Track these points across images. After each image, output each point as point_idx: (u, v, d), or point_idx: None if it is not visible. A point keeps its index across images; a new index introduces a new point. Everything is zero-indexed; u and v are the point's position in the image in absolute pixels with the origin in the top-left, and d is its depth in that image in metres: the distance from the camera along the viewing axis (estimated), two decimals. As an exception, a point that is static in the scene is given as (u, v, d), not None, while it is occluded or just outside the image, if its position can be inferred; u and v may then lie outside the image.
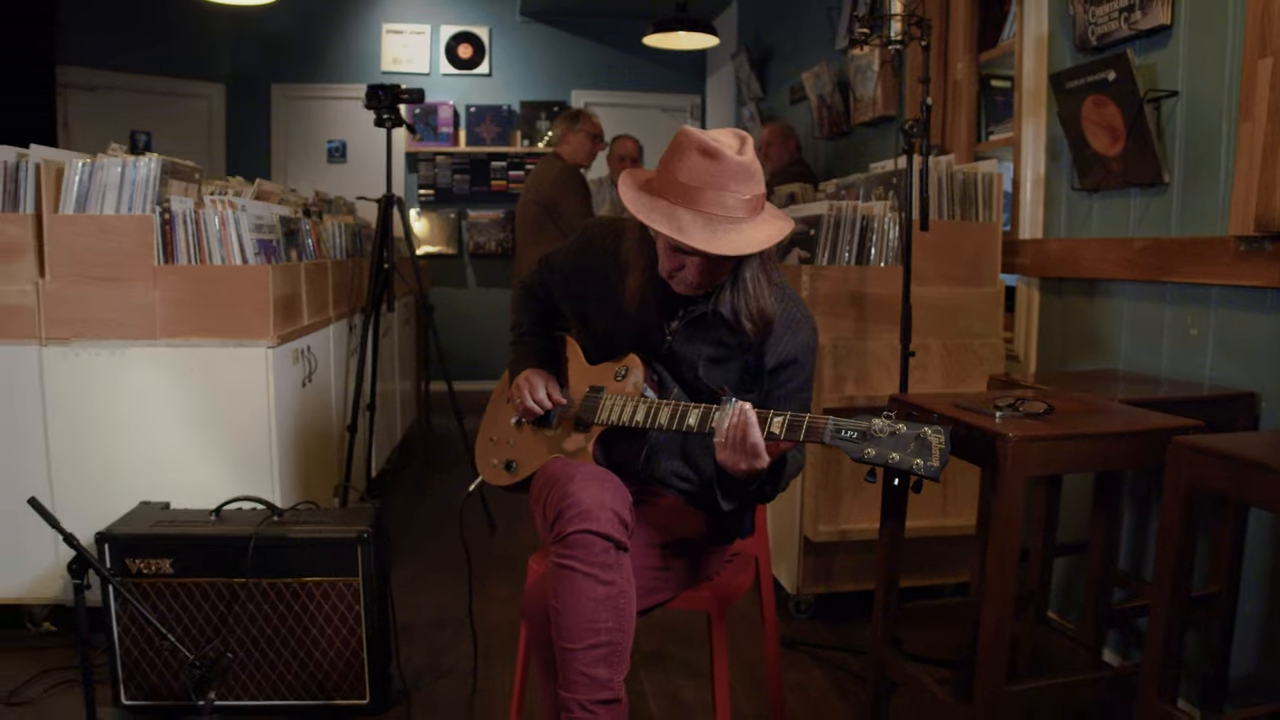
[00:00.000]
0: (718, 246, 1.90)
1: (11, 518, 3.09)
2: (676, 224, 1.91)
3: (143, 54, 7.81)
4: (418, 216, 8.37)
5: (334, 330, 3.98)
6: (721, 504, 2.08)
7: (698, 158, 1.93)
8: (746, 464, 1.89)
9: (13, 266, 3.07)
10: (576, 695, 1.82)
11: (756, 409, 1.89)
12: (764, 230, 1.95)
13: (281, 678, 2.67)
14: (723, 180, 1.92)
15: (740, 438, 1.87)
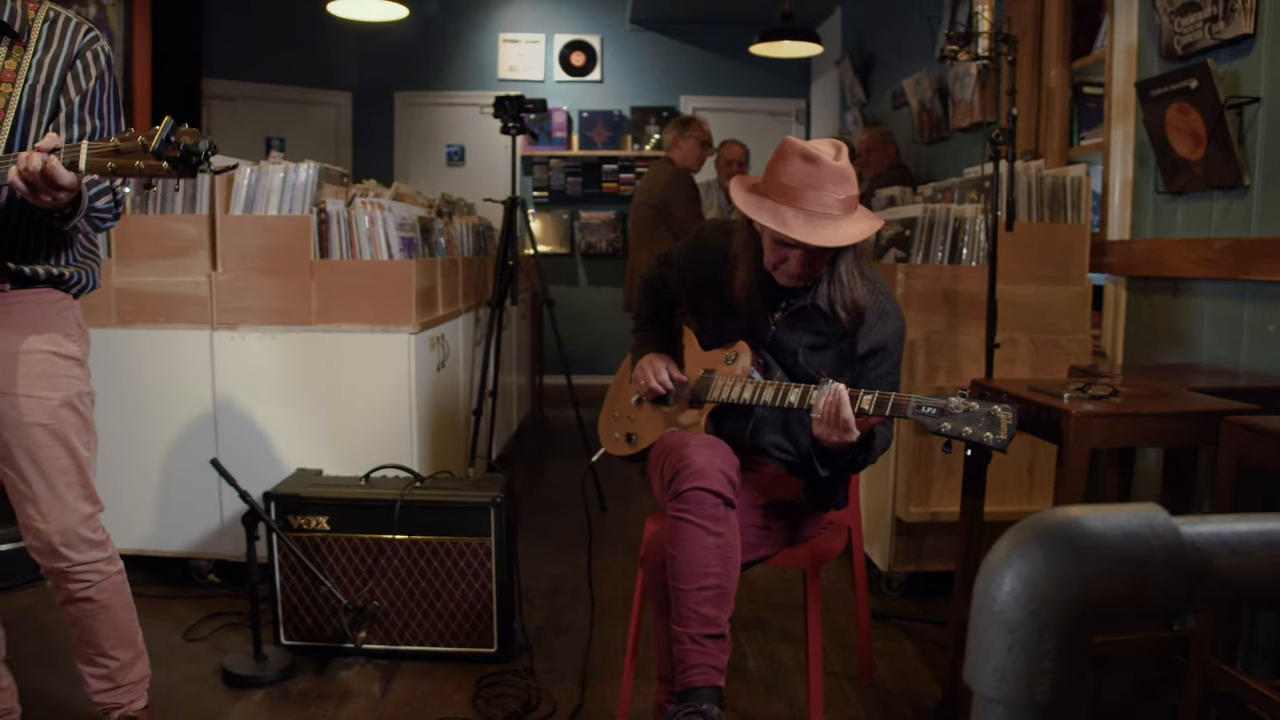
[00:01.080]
0: (817, 239, 2.19)
1: (184, 481, 3.54)
2: (781, 219, 2.21)
3: (278, 66, 8.37)
4: (533, 217, 8.74)
5: (463, 321, 4.35)
6: (819, 471, 2.36)
7: (799, 163, 2.23)
8: (839, 437, 2.17)
9: (190, 260, 3.49)
10: (689, 629, 2.12)
11: (849, 389, 2.17)
12: (857, 226, 2.24)
13: (420, 625, 3.02)
14: (821, 182, 2.21)
15: (834, 414, 2.15)
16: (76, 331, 2.25)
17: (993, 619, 0.55)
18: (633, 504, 4.75)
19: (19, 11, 2.06)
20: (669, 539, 2.18)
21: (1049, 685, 0.55)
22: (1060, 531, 0.55)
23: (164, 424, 3.54)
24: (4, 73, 2.04)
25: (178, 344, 3.52)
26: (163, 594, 3.54)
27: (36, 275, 2.12)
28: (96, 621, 2.29)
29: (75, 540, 2.20)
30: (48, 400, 2.15)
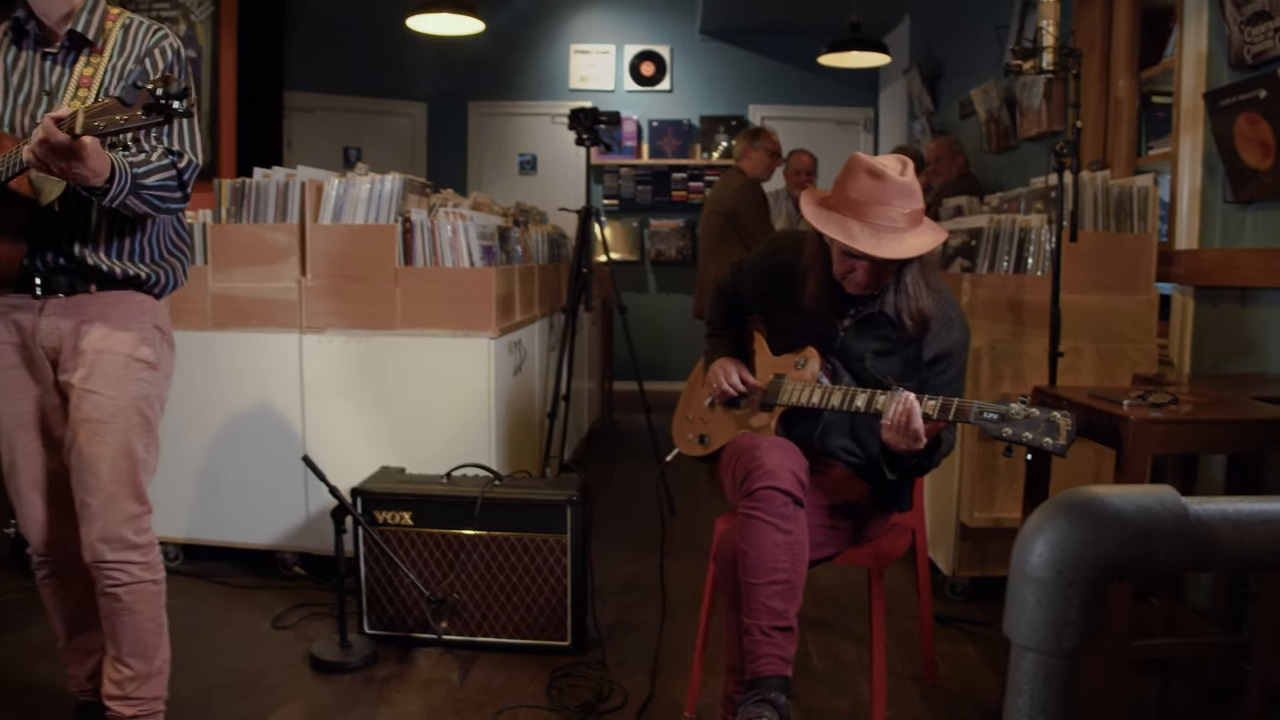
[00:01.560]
0: (882, 251, 2.30)
1: (272, 478, 3.73)
2: (848, 232, 2.32)
3: (356, 78, 8.63)
4: (603, 226, 8.86)
5: (538, 327, 4.49)
6: (887, 474, 2.46)
7: (866, 178, 2.34)
8: (907, 445, 2.28)
9: (281, 267, 3.68)
10: (758, 621, 2.22)
11: (918, 395, 2.27)
12: (922, 238, 2.34)
13: (496, 617, 3.15)
14: (887, 197, 2.32)
15: (904, 424, 2.25)
16: (154, 336, 2.34)
17: (1025, 578, 0.66)
18: (700, 508, 4.85)
19: (96, 22, 2.21)
20: (740, 535, 2.29)
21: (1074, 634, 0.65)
22: (1084, 505, 0.65)
23: (254, 423, 3.73)
24: (82, 79, 2.19)
25: (268, 347, 3.71)
26: (251, 584, 3.73)
27: (113, 273, 2.23)
28: (119, 622, 2.32)
29: (115, 538, 2.25)
30: (114, 399, 2.24)
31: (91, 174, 1.95)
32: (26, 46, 2.23)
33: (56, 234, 2.18)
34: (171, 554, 3.85)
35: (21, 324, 2.25)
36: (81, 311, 2.23)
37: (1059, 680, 0.65)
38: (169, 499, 3.80)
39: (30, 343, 2.25)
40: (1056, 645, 0.65)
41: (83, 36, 2.20)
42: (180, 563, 3.88)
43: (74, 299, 2.23)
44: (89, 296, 2.23)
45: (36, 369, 2.27)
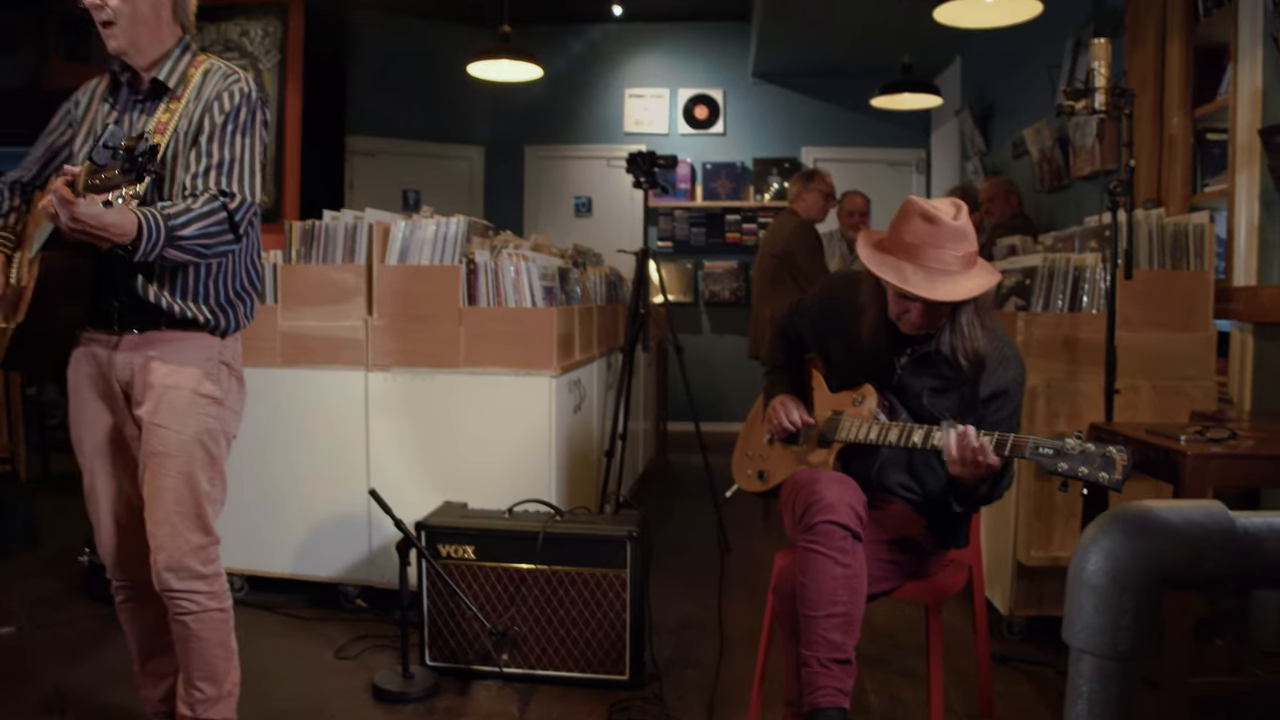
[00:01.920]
0: (935, 294, 2.35)
1: (337, 511, 3.83)
2: (902, 275, 2.38)
3: (415, 123, 8.87)
4: (660, 267, 8.96)
5: (597, 367, 4.57)
6: (955, 507, 2.50)
7: (920, 222, 2.41)
8: (973, 473, 2.31)
9: (348, 306, 3.80)
10: (816, 653, 2.26)
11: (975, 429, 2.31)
12: (974, 281, 2.39)
13: (556, 651, 3.20)
14: (940, 240, 2.37)
15: (969, 453, 2.28)
16: (219, 372, 2.41)
17: (1082, 585, 0.70)
18: (756, 547, 4.87)
19: (180, 70, 2.33)
20: (800, 568, 2.33)
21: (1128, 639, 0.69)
22: (1137, 518, 0.70)
23: (320, 457, 3.84)
24: (159, 125, 2.29)
25: (335, 383, 3.82)
26: (314, 616, 3.81)
27: (172, 310, 2.31)
28: (189, 647, 2.39)
29: (180, 567, 2.32)
30: (179, 434, 2.32)
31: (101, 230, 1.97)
32: (120, 92, 2.37)
33: (124, 274, 2.26)
34: (236, 585, 3.95)
35: (99, 357, 2.36)
36: (151, 347, 2.33)
37: (1115, 682, 0.70)
38: (235, 531, 3.87)
39: (108, 375, 2.36)
40: (1112, 648, 0.70)
41: (164, 85, 2.31)
42: (245, 593, 3.97)
43: (145, 335, 2.33)
44: (159, 333, 2.33)
45: (113, 400, 2.38)
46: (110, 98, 2.38)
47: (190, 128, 2.29)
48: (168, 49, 2.34)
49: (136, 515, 2.40)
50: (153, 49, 2.32)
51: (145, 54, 2.32)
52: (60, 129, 2.44)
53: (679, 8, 8.74)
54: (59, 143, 2.44)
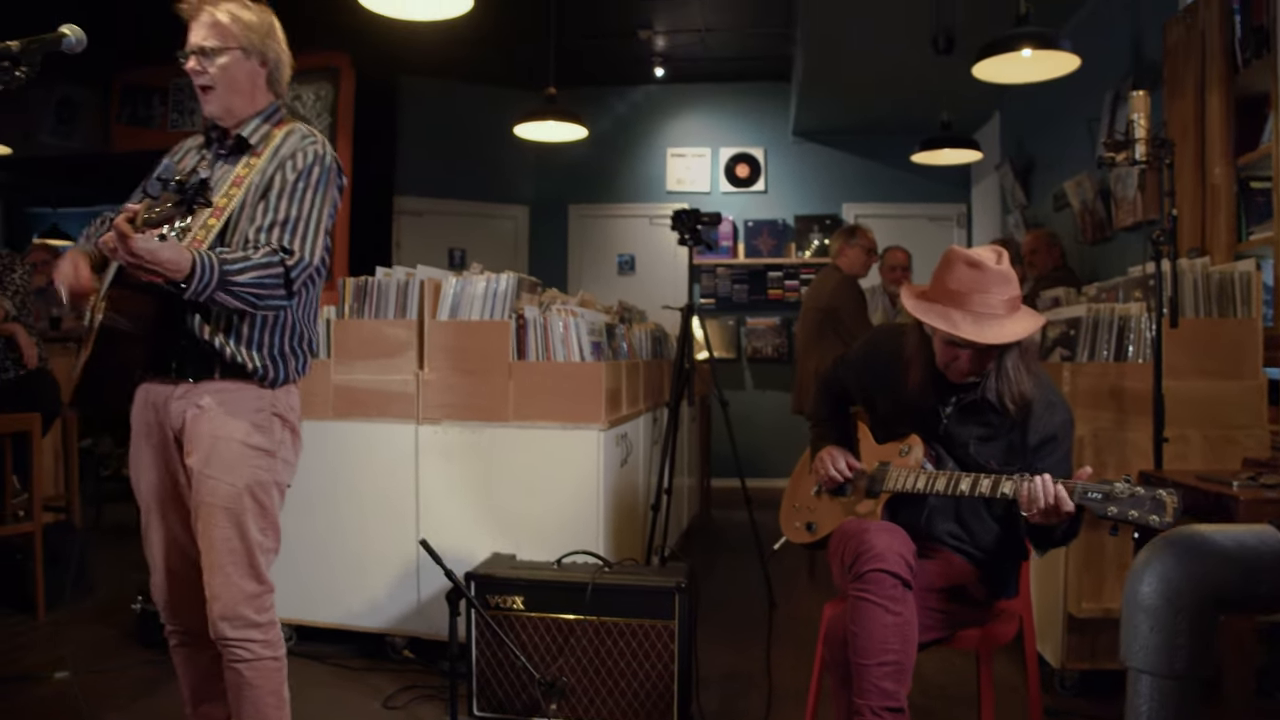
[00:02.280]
0: (984, 337, 2.39)
1: (386, 563, 3.89)
2: (950, 321, 2.42)
3: (462, 183, 9.07)
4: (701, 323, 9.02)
5: (643, 421, 4.61)
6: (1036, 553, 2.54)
7: (964, 269, 2.45)
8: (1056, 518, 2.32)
9: (400, 360, 3.88)
10: (869, 702, 2.26)
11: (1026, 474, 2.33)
12: (1021, 324, 2.44)
13: (604, 702, 3.20)
14: (985, 285, 2.42)
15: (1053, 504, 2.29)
16: (271, 423, 2.44)
17: (1137, 607, 0.73)
18: (801, 603, 4.85)
19: (263, 130, 2.45)
20: (850, 617, 2.34)
21: (1184, 658, 0.72)
22: (1190, 541, 0.73)
23: (370, 509, 3.90)
24: (236, 178, 2.38)
25: (386, 436, 3.89)
26: (362, 666, 3.84)
27: (224, 353, 2.35)
28: (242, 695, 2.40)
29: (234, 616, 2.35)
30: (229, 485, 2.35)
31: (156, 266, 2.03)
32: (210, 151, 2.49)
33: (184, 315, 2.32)
34: (286, 635, 3.96)
35: (156, 404, 2.42)
36: (204, 397, 2.36)
37: (1173, 701, 0.72)
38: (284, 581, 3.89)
39: (163, 422, 2.41)
40: (1169, 667, 0.72)
41: (245, 141, 2.43)
42: (294, 643, 4.00)
43: (200, 385, 2.37)
44: (212, 383, 2.37)
45: (167, 448, 2.43)
46: (202, 152, 2.51)
47: (262, 182, 2.37)
48: (257, 111, 2.47)
49: (189, 562, 2.46)
50: (245, 111, 2.45)
51: (237, 117, 2.45)
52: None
53: (719, 69, 8.87)
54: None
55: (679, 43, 8.26)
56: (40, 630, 4.22)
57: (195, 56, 2.37)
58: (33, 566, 4.38)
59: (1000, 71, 4.89)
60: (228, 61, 2.38)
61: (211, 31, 2.37)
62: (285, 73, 2.53)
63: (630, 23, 7.86)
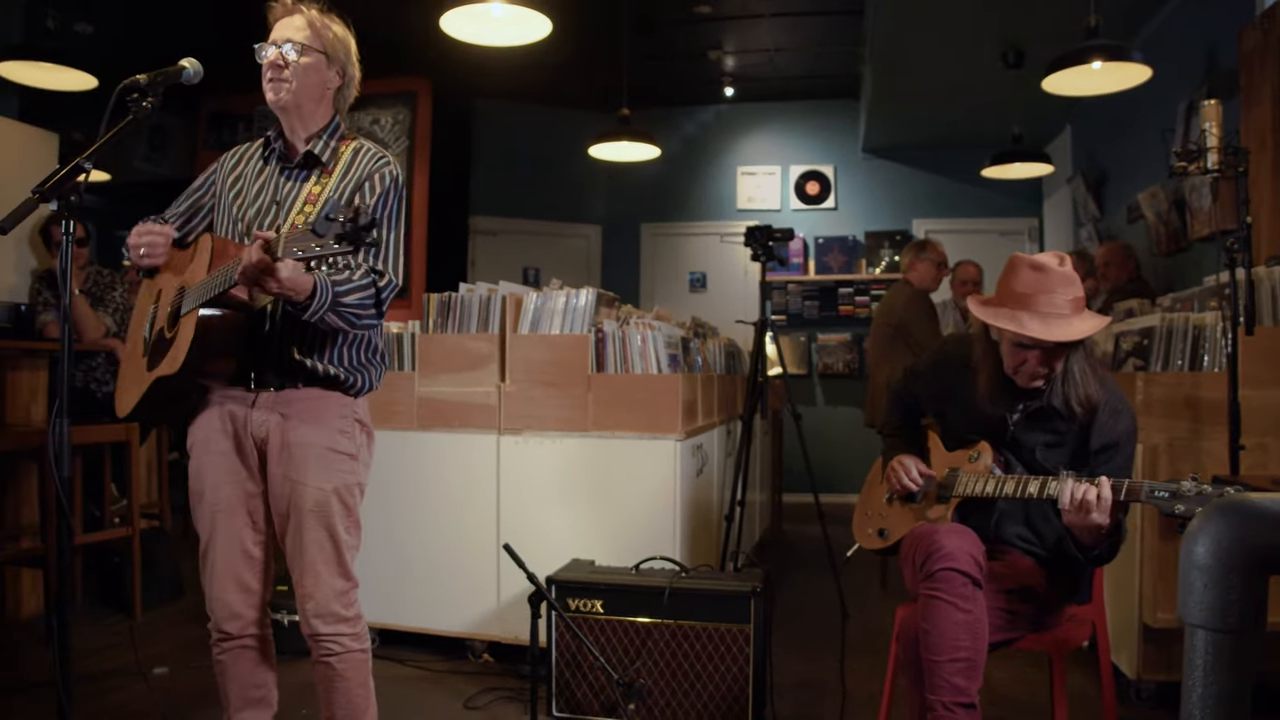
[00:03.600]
0: (1052, 335, 2.46)
1: (467, 569, 4.01)
2: (1018, 322, 2.49)
3: (535, 203, 9.27)
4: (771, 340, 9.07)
5: (717, 433, 4.69)
6: (1077, 555, 2.55)
7: (1029, 271, 2.54)
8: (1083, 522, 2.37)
9: (482, 373, 4.01)
10: (941, 698, 2.31)
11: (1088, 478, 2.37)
12: (1087, 323, 2.51)
13: (680, 704, 3.27)
14: (1050, 286, 2.50)
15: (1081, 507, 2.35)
16: (353, 429, 2.53)
17: (1192, 566, 0.80)
18: (873, 613, 4.87)
19: (332, 146, 2.53)
20: (922, 615, 2.40)
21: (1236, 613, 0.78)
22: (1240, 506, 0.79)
23: (452, 517, 4.02)
24: (309, 196, 2.47)
25: (468, 447, 4.02)
26: (443, 668, 3.95)
27: (315, 370, 2.44)
28: (333, 689, 2.50)
29: (327, 612, 2.46)
30: (320, 489, 2.44)
31: (291, 292, 2.15)
32: (271, 162, 2.56)
33: (270, 335, 2.42)
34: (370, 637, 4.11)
35: (235, 415, 2.47)
36: (288, 406, 2.45)
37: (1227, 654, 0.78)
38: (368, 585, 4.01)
39: (241, 433, 2.47)
40: (1223, 621, 0.78)
41: (316, 158, 2.50)
42: (377, 646, 4.13)
43: (282, 394, 2.45)
44: (295, 392, 2.45)
45: (245, 457, 2.49)
46: (262, 164, 2.57)
47: (339, 201, 2.39)
48: (322, 125, 2.54)
49: (251, 570, 2.54)
50: (310, 119, 2.52)
51: (304, 121, 2.51)
52: (204, 189, 2.62)
53: (789, 87, 8.96)
54: (202, 201, 2.62)
55: (748, 63, 8.37)
56: (138, 629, 4.43)
57: (281, 47, 2.42)
58: (130, 569, 4.60)
59: (1071, 84, 4.91)
60: (311, 62, 2.45)
61: (306, 29, 2.46)
62: (351, 94, 2.61)
63: (700, 44, 7.99)
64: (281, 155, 2.54)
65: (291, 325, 2.41)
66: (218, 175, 2.61)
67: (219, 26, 6.99)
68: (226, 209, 2.54)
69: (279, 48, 2.42)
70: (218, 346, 2.33)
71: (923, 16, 6.15)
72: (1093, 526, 2.37)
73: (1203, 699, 0.79)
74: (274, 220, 2.46)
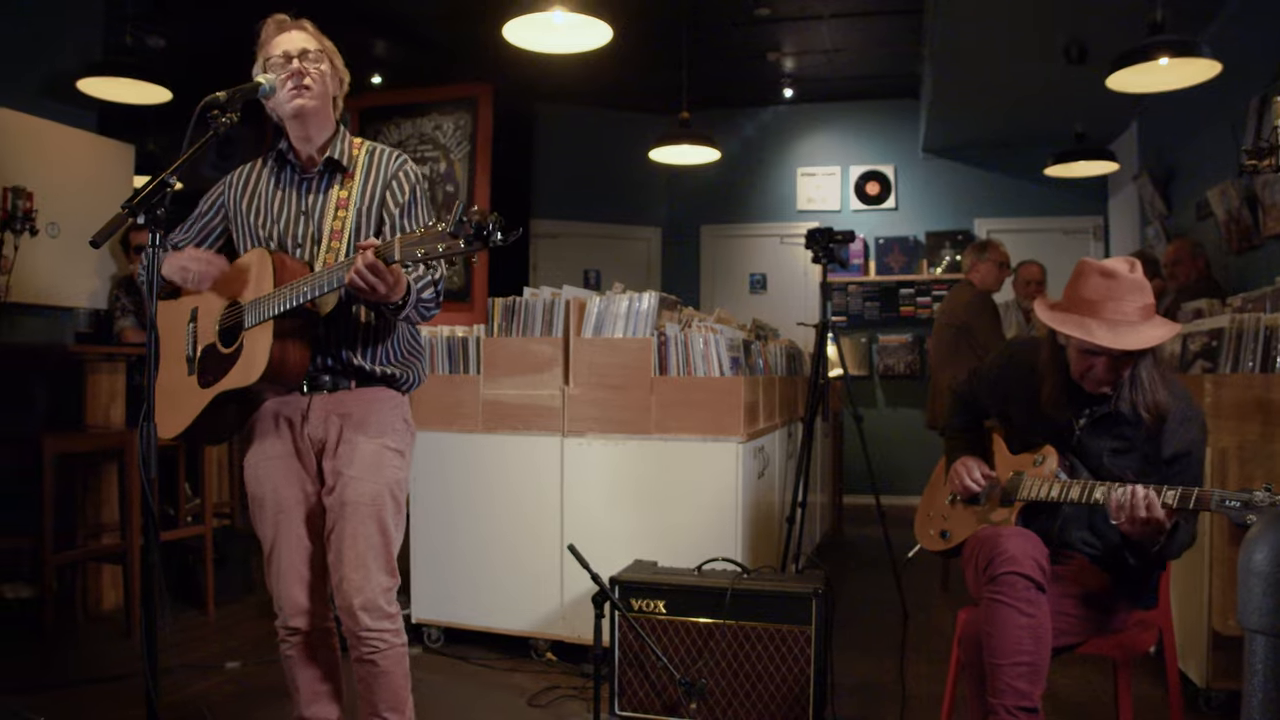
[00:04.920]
0: (1120, 343, 2.45)
1: (531, 569, 4.07)
2: (1085, 329, 2.48)
3: (595, 206, 9.36)
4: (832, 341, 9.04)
5: (778, 435, 4.71)
6: (1130, 560, 2.53)
7: (1098, 278, 2.52)
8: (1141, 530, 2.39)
9: (546, 376, 4.06)
10: (1003, 701, 2.32)
11: (1156, 486, 2.37)
12: (1156, 330, 2.48)
13: (741, 704, 3.30)
14: (1119, 293, 2.48)
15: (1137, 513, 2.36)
16: (403, 428, 2.63)
17: (1251, 574, 0.81)
18: (934, 616, 4.85)
19: (346, 150, 2.59)
20: (985, 619, 2.40)
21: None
22: (1299, 515, 0.81)
23: (516, 518, 4.09)
24: (340, 201, 2.54)
25: (533, 448, 4.08)
26: (506, 666, 4.01)
27: (374, 373, 2.54)
28: (376, 683, 2.56)
29: (374, 608, 2.51)
30: (373, 485, 2.52)
31: (395, 293, 2.26)
32: (285, 173, 2.61)
33: (328, 339, 2.50)
34: (434, 635, 4.21)
35: (290, 418, 2.56)
36: (342, 406, 2.54)
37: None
38: (435, 585, 4.20)
39: (298, 434, 2.56)
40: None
41: (338, 163, 2.57)
42: (441, 644, 4.22)
43: (336, 395, 2.54)
44: (349, 393, 2.54)
45: (303, 458, 2.57)
46: (273, 178, 2.63)
47: (370, 204, 2.54)
48: (332, 131, 2.60)
49: (315, 568, 2.62)
50: (325, 126, 2.58)
51: (320, 127, 2.57)
52: (213, 213, 2.69)
53: (848, 88, 8.93)
54: (213, 225, 2.69)
55: (807, 64, 8.36)
56: (211, 625, 4.56)
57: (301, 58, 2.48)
58: (204, 567, 4.74)
59: (1136, 81, 4.84)
60: (326, 70, 2.53)
61: (315, 40, 2.54)
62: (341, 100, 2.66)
63: (760, 46, 7.99)
64: (295, 166, 2.60)
65: (341, 328, 2.51)
66: (226, 198, 2.67)
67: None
68: (249, 227, 2.61)
69: (297, 59, 2.48)
70: (293, 352, 2.41)
71: (983, 14, 6.09)
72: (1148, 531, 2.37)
73: (1263, 705, 0.80)
74: (306, 230, 2.54)
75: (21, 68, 5.35)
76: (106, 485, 4.73)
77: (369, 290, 2.21)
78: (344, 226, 2.52)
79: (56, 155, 5.30)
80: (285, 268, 2.42)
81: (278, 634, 2.66)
